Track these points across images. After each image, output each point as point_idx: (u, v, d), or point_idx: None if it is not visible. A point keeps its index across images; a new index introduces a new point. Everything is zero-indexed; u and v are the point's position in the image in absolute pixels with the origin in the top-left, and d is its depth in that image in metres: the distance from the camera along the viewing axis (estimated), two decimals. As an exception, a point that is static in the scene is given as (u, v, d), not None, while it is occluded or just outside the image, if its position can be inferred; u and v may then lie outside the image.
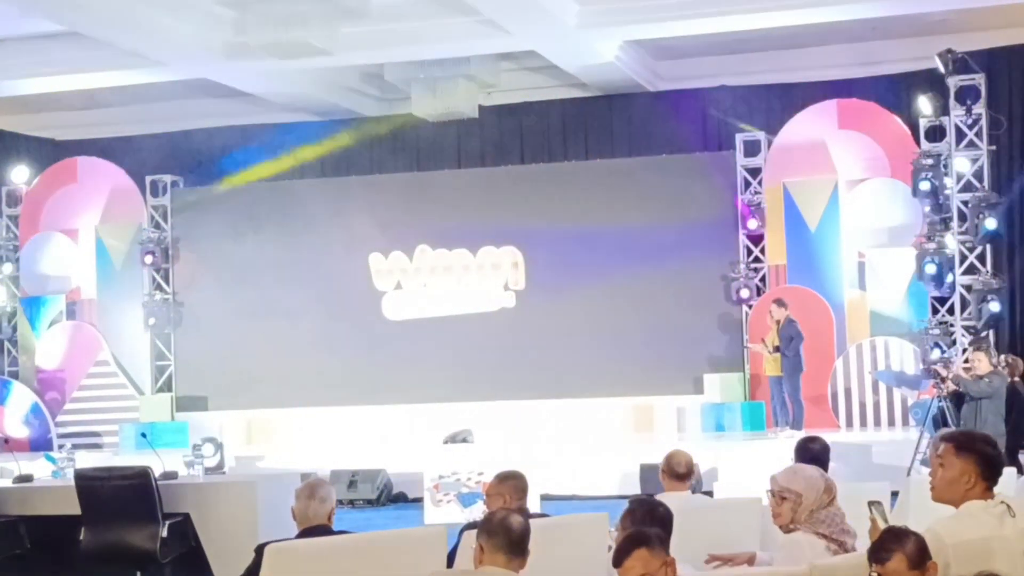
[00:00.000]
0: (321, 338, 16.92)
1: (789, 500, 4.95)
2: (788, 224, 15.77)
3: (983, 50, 15.03)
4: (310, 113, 17.77)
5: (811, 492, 4.95)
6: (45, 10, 13.42)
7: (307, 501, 5.88)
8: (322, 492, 5.91)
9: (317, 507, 5.86)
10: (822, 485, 5.00)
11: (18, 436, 16.55)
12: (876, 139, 15.53)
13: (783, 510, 4.96)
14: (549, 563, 5.06)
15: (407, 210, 16.97)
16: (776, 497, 5.00)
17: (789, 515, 4.95)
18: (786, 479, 5.01)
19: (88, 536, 7.94)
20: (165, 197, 17.66)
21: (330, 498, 5.93)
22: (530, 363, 16.33)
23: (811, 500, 4.94)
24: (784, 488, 4.97)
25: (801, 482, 4.98)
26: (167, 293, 17.51)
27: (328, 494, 5.93)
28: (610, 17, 14.10)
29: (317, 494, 5.89)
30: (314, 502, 5.87)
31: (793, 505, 4.94)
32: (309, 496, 5.88)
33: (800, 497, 4.94)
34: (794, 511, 4.94)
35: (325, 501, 5.89)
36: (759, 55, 16.03)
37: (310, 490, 5.93)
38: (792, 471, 5.09)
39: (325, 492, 5.92)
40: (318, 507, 5.87)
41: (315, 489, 5.93)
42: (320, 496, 5.88)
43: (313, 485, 6.02)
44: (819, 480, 5.02)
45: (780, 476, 5.05)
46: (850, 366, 15.29)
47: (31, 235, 17.85)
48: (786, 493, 4.96)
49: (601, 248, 16.34)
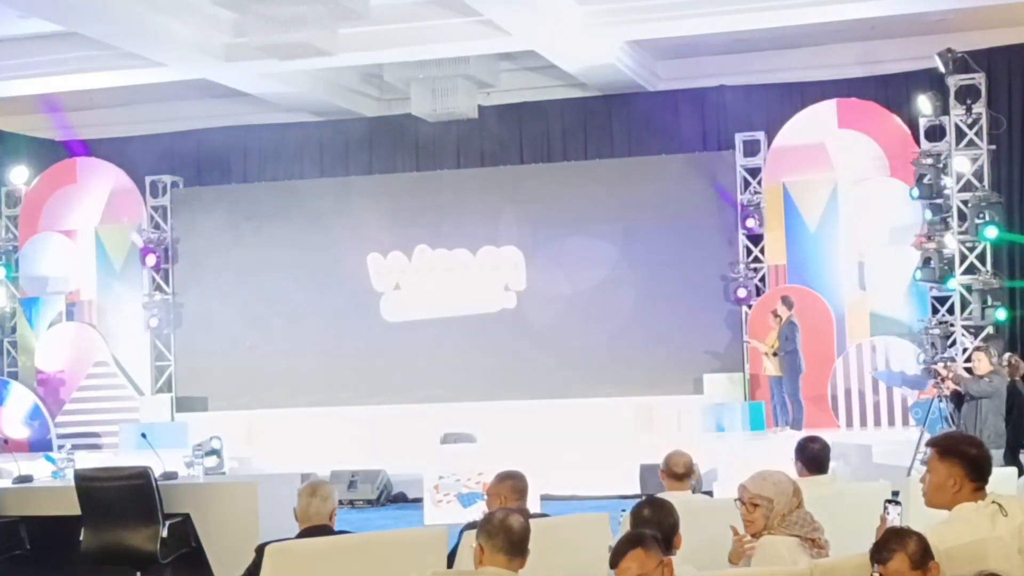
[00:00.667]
0: (321, 338, 16.93)
1: (761, 507, 4.91)
2: (788, 224, 15.77)
3: (983, 49, 15.03)
4: (309, 113, 17.77)
5: (781, 497, 4.92)
6: (45, 11, 13.41)
7: (309, 499, 5.88)
8: (323, 491, 5.92)
9: (319, 506, 5.86)
10: (791, 488, 4.97)
11: (17, 437, 16.56)
12: (876, 139, 15.52)
13: (756, 517, 4.92)
14: (549, 563, 5.06)
15: (406, 210, 16.98)
16: (747, 505, 4.96)
17: (762, 522, 4.91)
18: (756, 486, 4.96)
19: (88, 537, 7.94)
20: (165, 197, 17.66)
21: (331, 497, 5.93)
22: (530, 363, 16.34)
23: (782, 505, 4.91)
24: (755, 495, 4.93)
25: (771, 487, 4.94)
26: (167, 294, 17.51)
27: (329, 493, 5.93)
28: (609, 17, 14.09)
29: (318, 493, 5.89)
30: (315, 500, 5.87)
31: (765, 512, 4.91)
32: (311, 495, 5.89)
33: (771, 503, 4.91)
34: (767, 517, 4.91)
35: (327, 500, 5.89)
36: (758, 55, 16.03)
37: (312, 489, 5.94)
38: (761, 477, 5.02)
39: (326, 491, 5.93)
40: (320, 506, 5.87)
41: (317, 488, 5.94)
42: (321, 495, 5.89)
43: (315, 485, 6.03)
44: (788, 484, 5.00)
45: (749, 483, 5.00)
46: (850, 366, 15.29)
47: (30, 236, 17.85)
48: (757, 500, 4.92)
49: (601, 248, 16.34)
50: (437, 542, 5.56)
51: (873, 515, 4.68)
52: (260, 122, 17.84)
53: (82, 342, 17.41)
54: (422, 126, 17.01)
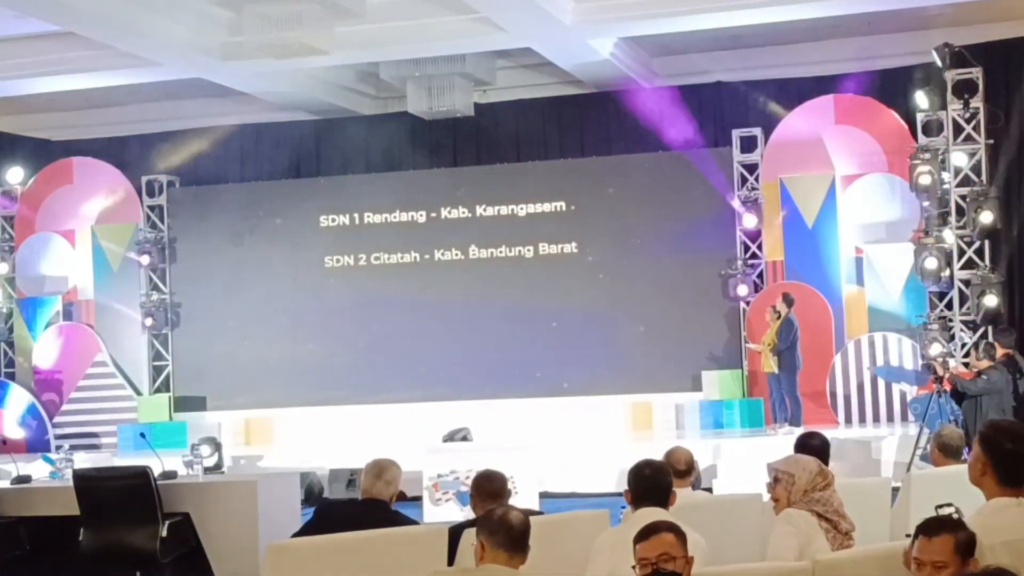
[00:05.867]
0: (319, 337, 16.92)
1: (782, 481, 5.17)
2: (786, 220, 15.76)
3: (980, 44, 15.00)
4: (306, 112, 17.75)
5: (803, 473, 5.16)
6: (41, 11, 13.39)
7: (373, 481, 6.16)
8: (388, 476, 6.20)
9: (382, 489, 6.16)
10: (815, 468, 5.21)
11: (15, 437, 16.55)
12: (873, 134, 15.51)
13: (778, 492, 5.19)
14: (550, 560, 5.07)
15: (404, 209, 16.96)
16: (771, 481, 5.24)
17: (785, 496, 5.15)
18: (779, 463, 5.29)
19: (88, 537, 7.93)
20: (161, 197, 17.64)
21: (395, 483, 6.22)
22: (529, 361, 16.33)
23: (804, 481, 5.13)
24: (777, 470, 5.23)
25: (792, 464, 5.25)
26: (164, 293, 17.49)
27: (394, 478, 6.22)
28: (605, 14, 14.08)
29: (383, 477, 6.18)
30: (379, 484, 6.15)
31: (787, 485, 5.16)
32: (376, 476, 6.17)
33: (792, 477, 5.15)
34: (788, 491, 5.14)
35: (390, 485, 6.19)
36: (755, 51, 16.02)
37: (378, 471, 6.20)
38: (786, 457, 5.41)
39: (392, 476, 6.21)
40: (383, 488, 6.16)
41: (383, 472, 6.20)
42: (386, 479, 6.17)
43: (382, 467, 6.25)
44: (812, 463, 5.26)
45: (775, 462, 5.33)
46: (848, 362, 15.28)
47: (27, 236, 17.82)
48: (779, 475, 5.21)
49: (598, 246, 16.35)
50: (437, 540, 5.56)
51: (873, 511, 4.71)
52: (257, 121, 17.82)
53: (80, 342, 17.38)
54: (419, 124, 16.99)
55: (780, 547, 4.97)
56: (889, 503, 7.03)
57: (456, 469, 12.16)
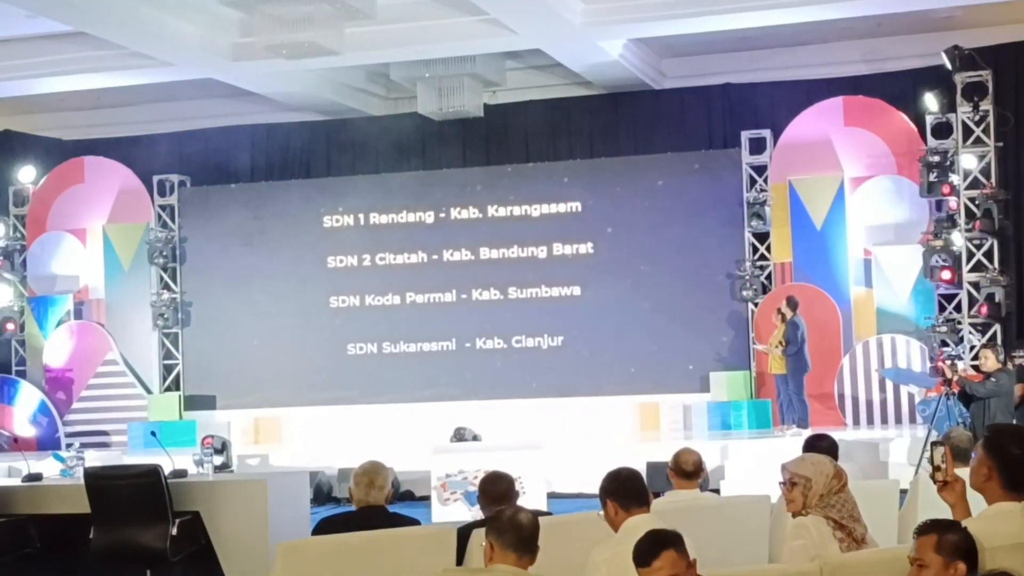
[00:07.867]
0: (329, 337, 16.97)
1: (799, 485, 5.07)
2: (794, 222, 15.76)
3: (990, 46, 15.01)
4: (316, 113, 17.80)
5: (820, 476, 5.07)
6: (52, 11, 13.45)
7: (367, 491, 6.25)
8: (379, 481, 6.31)
9: (377, 495, 6.26)
10: (831, 470, 5.12)
11: (26, 435, 16.63)
12: (882, 136, 15.51)
13: (795, 496, 5.08)
14: (558, 561, 5.09)
15: (412, 209, 17.00)
16: (787, 484, 5.13)
17: (801, 500, 5.06)
18: (795, 465, 5.16)
19: (98, 535, 7.95)
20: (172, 196, 17.70)
21: (387, 483, 6.35)
22: (536, 362, 16.36)
23: (820, 484, 5.05)
24: (793, 473, 5.11)
25: (809, 467, 5.12)
26: (175, 292, 17.55)
27: (385, 480, 6.33)
28: (615, 15, 14.10)
29: (375, 483, 6.29)
30: (373, 491, 6.26)
31: (803, 490, 5.06)
32: (368, 485, 6.26)
33: (809, 481, 5.06)
34: (805, 495, 5.05)
35: (383, 488, 6.30)
36: (764, 52, 16.03)
37: (368, 479, 6.31)
38: (801, 458, 5.26)
39: (383, 481, 6.32)
40: (377, 495, 6.26)
41: (374, 479, 6.31)
42: (378, 485, 6.29)
43: (372, 475, 6.34)
44: (827, 465, 5.16)
45: (790, 464, 5.20)
46: (857, 364, 15.28)
47: (38, 235, 17.90)
48: (796, 479, 5.09)
49: (606, 246, 16.36)
50: (446, 540, 5.59)
51: (881, 513, 4.71)
52: (267, 121, 17.88)
53: (90, 341, 17.44)
54: (428, 125, 17.03)
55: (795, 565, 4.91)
56: (897, 505, 7.04)
57: (464, 469, 12.17)
